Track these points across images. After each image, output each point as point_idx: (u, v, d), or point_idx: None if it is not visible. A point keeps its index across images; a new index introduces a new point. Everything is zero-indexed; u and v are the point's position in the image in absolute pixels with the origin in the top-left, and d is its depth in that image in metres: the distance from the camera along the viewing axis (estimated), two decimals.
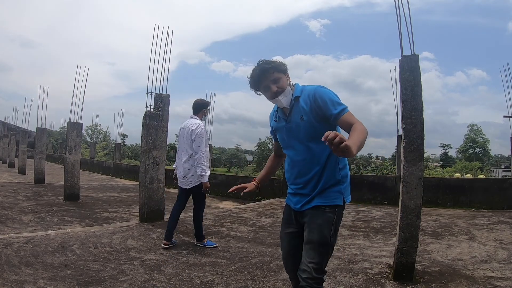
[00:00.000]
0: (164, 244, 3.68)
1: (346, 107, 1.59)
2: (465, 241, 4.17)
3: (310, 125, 1.63)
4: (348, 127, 1.54)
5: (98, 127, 40.23)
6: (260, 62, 1.71)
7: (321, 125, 1.61)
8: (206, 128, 3.84)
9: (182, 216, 5.71)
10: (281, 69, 1.71)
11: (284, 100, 1.70)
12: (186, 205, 3.92)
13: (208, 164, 3.80)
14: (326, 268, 1.64)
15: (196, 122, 3.75)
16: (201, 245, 3.79)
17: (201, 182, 3.67)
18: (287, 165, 1.80)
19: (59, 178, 10.45)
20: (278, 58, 1.75)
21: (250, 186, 1.84)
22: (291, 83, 1.75)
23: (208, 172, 3.70)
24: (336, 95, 1.64)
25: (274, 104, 1.81)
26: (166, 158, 5.46)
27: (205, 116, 3.89)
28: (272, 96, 1.70)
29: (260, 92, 1.75)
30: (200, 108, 3.84)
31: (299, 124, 1.66)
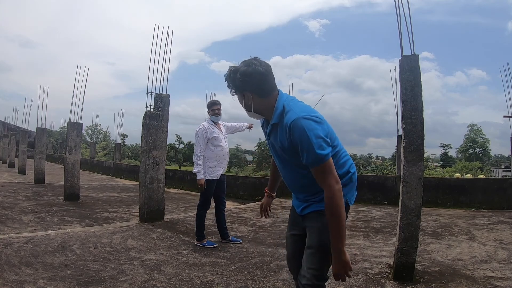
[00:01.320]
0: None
1: (320, 160, 1.36)
2: (465, 241, 4.17)
3: (292, 155, 1.47)
4: (317, 182, 1.42)
5: (98, 127, 40.24)
6: (227, 71, 1.52)
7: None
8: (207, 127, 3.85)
9: (182, 216, 5.74)
10: (236, 86, 1.49)
11: (249, 115, 1.57)
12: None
13: (218, 163, 3.83)
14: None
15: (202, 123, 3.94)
16: (200, 245, 3.80)
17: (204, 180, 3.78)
18: (282, 177, 1.72)
19: (59, 178, 10.45)
20: (240, 71, 1.46)
21: (266, 201, 1.95)
22: (254, 105, 1.50)
23: (212, 173, 3.77)
24: (317, 132, 1.37)
25: None
26: (166, 158, 5.46)
27: (214, 115, 3.90)
28: None
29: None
30: (208, 109, 4.00)
31: (281, 153, 1.53)
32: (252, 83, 1.46)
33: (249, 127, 4.33)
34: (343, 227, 1.37)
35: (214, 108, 3.90)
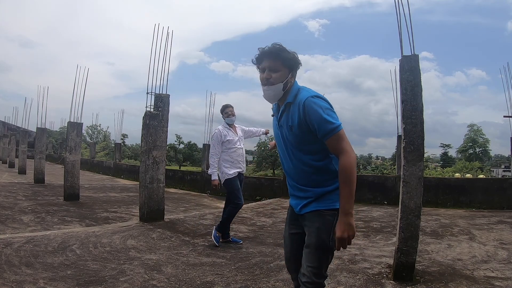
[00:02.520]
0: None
1: (333, 130, 1.47)
2: (465, 241, 4.17)
3: (299, 136, 1.55)
4: (334, 153, 1.51)
5: (98, 127, 40.12)
6: (277, 45, 1.58)
7: (311, 135, 1.54)
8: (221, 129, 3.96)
9: (182, 216, 5.74)
10: (288, 63, 1.58)
11: (267, 93, 1.60)
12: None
13: (232, 164, 3.91)
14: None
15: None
16: (212, 235, 3.91)
17: (224, 180, 3.92)
18: (286, 176, 1.74)
19: (59, 178, 10.45)
20: (296, 54, 1.61)
21: None
22: (289, 83, 1.60)
23: (229, 172, 3.88)
24: (327, 108, 1.50)
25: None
26: (166, 158, 5.46)
27: (228, 117, 3.99)
28: (261, 82, 1.62)
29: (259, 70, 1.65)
30: (221, 113, 4.08)
31: (288, 133, 1.59)
32: (297, 64, 1.62)
33: (266, 133, 4.41)
34: (354, 191, 1.46)
35: (226, 111, 3.99)
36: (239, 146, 3.97)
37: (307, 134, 1.53)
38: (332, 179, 1.58)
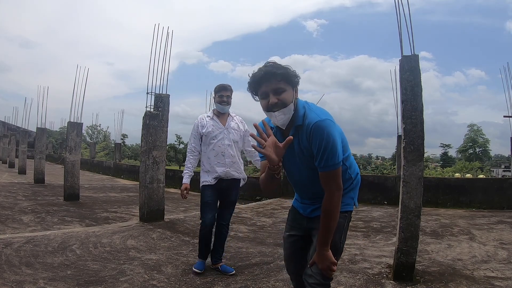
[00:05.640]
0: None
1: (330, 166, 1.39)
2: (465, 241, 4.17)
3: (312, 159, 1.45)
4: (322, 186, 1.46)
5: (98, 127, 40.20)
6: (269, 64, 1.42)
7: None
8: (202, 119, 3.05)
9: (182, 216, 5.74)
10: (291, 80, 1.42)
11: (280, 118, 1.42)
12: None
13: (211, 167, 2.98)
14: None
15: None
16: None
17: (200, 186, 3.08)
18: (292, 184, 1.68)
19: (59, 178, 10.45)
20: (291, 67, 1.44)
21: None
22: (296, 100, 1.45)
23: (202, 178, 3.03)
24: (334, 139, 1.37)
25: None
26: (166, 158, 5.46)
27: (220, 104, 2.99)
28: (268, 108, 1.42)
29: (257, 98, 1.47)
30: (214, 94, 3.11)
31: (301, 158, 1.49)
32: (297, 77, 1.46)
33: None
34: (334, 227, 1.46)
35: (222, 94, 2.97)
36: (222, 141, 2.97)
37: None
38: (349, 181, 1.59)
